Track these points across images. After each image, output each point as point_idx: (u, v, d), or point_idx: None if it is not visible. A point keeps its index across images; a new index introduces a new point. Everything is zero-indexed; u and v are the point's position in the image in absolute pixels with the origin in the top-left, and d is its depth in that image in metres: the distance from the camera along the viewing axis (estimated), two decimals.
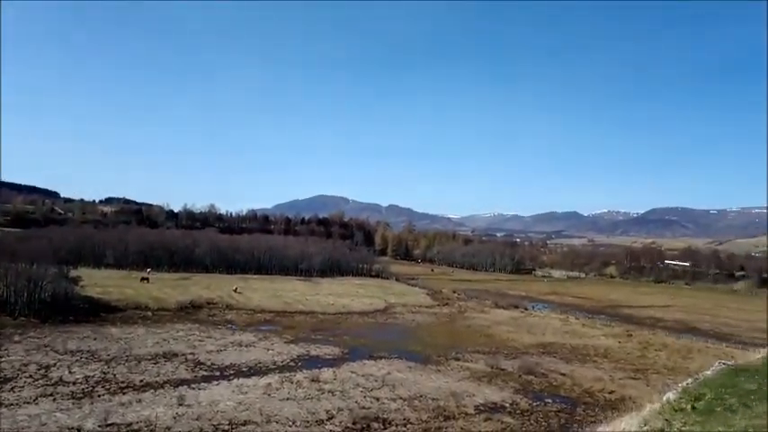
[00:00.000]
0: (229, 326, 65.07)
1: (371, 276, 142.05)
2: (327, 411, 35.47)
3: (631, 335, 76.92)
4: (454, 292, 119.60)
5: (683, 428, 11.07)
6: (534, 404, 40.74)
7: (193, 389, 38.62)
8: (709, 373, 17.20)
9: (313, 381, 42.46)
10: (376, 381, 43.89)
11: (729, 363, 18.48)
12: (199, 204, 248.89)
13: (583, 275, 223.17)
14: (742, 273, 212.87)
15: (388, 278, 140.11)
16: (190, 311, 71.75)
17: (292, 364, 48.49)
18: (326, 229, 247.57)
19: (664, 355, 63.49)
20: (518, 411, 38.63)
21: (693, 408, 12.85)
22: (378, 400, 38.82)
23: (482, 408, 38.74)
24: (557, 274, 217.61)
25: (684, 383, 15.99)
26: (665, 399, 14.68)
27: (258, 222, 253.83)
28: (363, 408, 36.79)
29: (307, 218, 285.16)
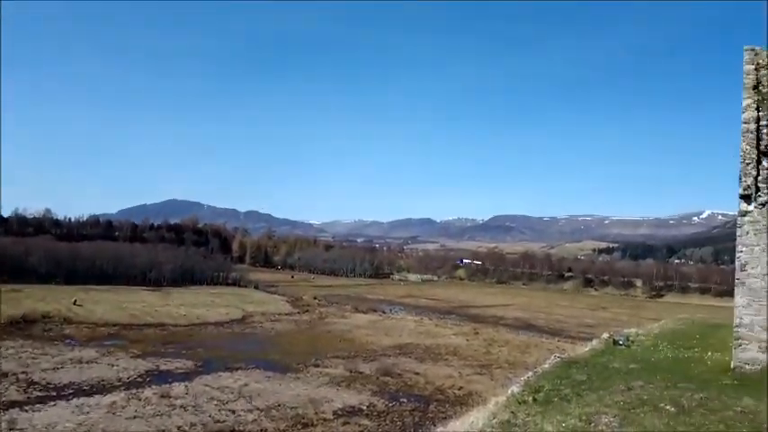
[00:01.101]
0: (68, 341, 59.27)
1: (228, 285, 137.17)
2: (179, 428, 33.62)
3: (478, 333, 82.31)
4: (315, 298, 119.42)
5: (527, 419, 12.05)
6: (390, 405, 41.95)
7: (26, 411, 34.70)
8: (546, 366, 18.83)
9: (163, 396, 40.01)
10: (232, 393, 42.47)
11: (563, 356, 20.43)
12: (32, 209, 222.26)
13: (436, 278, 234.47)
14: (570, 273, 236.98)
15: (246, 286, 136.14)
16: (21, 327, 64.17)
17: (140, 379, 45.32)
18: (179, 235, 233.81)
19: (506, 351, 68.69)
20: (375, 413, 39.55)
21: (534, 399, 13.99)
22: (233, 412, 37.57)
23: (340, 412, 39.11)
24: (412, 277, 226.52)
25: (526, 377, 17.36)
26: (509, 392, 15.80)
27: (101, 228, 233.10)
28: (218, 421, 35.40)
29: (156, 224, 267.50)
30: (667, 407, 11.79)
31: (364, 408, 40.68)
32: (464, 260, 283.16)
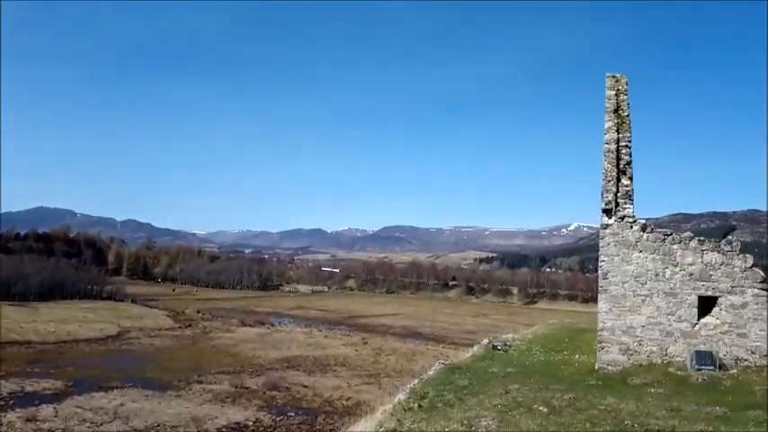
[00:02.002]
0: None
1: (103, 299, 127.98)
2: None
3: (367, 342, 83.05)
4: (198, 312, 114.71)
5: (413, 426, 12.35)
6: (278, 419, 41.15)
7: None
8: (430, 372, 19.39)
9: (29, 420, 36.62)
10: (106, 414, 39.67)
11: (446, 362, 21.14)
12: None
13: (326, 289, 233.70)
14: (454, 282, 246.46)
15: (123, 300, 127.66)
16: None
17: (2, 402, 41.04)
18: (48, 245, 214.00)
19: (393, 360, 69.91)
20: (261, 429, 38.61)
21: (420, 406, 14.36)
22: None
23: (224, 429, 37.79)
24: (303, 288, 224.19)
25: (412, 384, 17.76)
26: (396, 400, 16.08)
27: None
28: None
29: (23, 233, 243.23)
30: (540, 408, 12.60)
31: (250, 424, 39.58)
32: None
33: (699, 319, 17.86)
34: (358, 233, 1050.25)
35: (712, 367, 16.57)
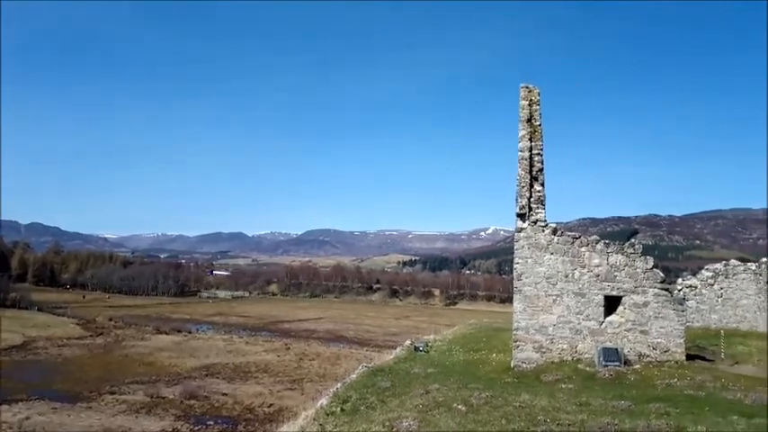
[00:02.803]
0: None
1: (6, 307, 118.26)
2: None
3: (289, 348, 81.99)
4: (110, 319, 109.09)
5: (335, 430, 12.36)
6: (196, 428, 39.88)
7: None
8: (353, 376, 19.45)
9: None
10: (11, 428, 37.13)
11: (369, 365, 21.27)
12: None
13: (247, 294, 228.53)
14: (378, 285, 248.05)
15: (27, 308, 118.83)
16: None
17: None
18: None
19: (317, 364, 69.39)
20: None
21: (342, 410, 14.38)
22: None
23: None
24: (222, 294, 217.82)
25: (334, 388, 17.75)
26: (318, 405, 16.02)
27: None
28: None
29: None
30: (459, 406, 12.95)
31: None
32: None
33: (605, 318, 18.99)
34: (281, 237, 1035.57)
35: (618, 363, 17.64)
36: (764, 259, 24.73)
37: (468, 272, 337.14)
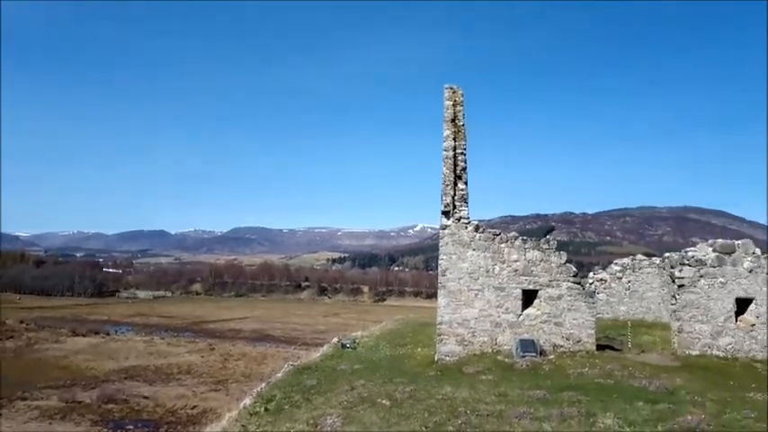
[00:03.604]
0: None
1: None
2: None
3: (214, 348, 79.93)
4: (21, 322, 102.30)
5: (258, 430, 12.23)
6: None
7: None
8: (279, 375, 19.28)
9: None
10: None
11: (295, 364, 21.14)
12: None
13: (170, 294, 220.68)
14: (307, 283, 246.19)
15: None
16: None
17: None
18: None
19: (242, 364, 68.05)
20: None
21: (266, 409, 14.25)
22: None
23: None
24: (143, 294, 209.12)
25: (259, 388, 17.54)
26: (241, 405, 15.79)
27: None
28: None
29: None
30: (384, 401, 13.15)
31: None
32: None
33: (523, 311, 19.79)
34: (205, 235, 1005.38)
35: (534, 354, 18.44)
36: (667, 254, 26.51)
37: (396, 268, 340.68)
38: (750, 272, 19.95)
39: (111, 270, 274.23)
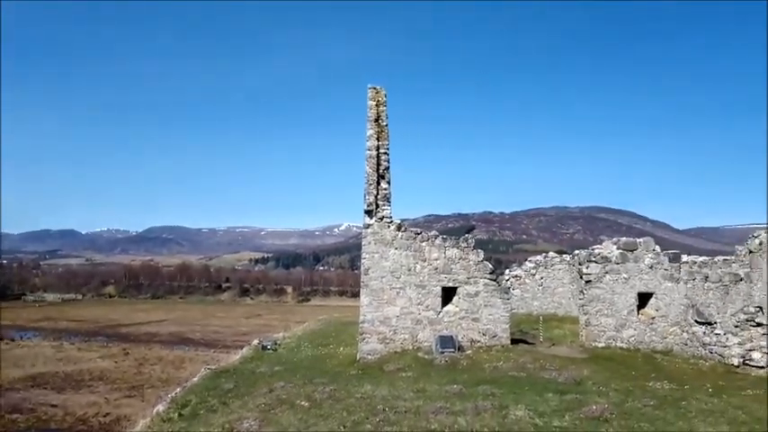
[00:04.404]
0: None
1: None
2: None
3: (128, 353, 76.34)
4: None
5: None
6: None
7: None
8: (195, 379, 18.69)
9: None
10: None
11: (213, 367, 20.59)
12: None
13: (80, 297, 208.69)
14: (228, 284, 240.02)
15: None
16: None
17: None
18: None
19: (159, 369, 65.41)
20: None
21: (180, 415, 13.78)
22: None
23: None
24: (51, 297, 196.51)
25: (173, 393, 16.94)
26: (155, 411, 15.21)
27: None
28: None
29: None
30: (303, 402, 13.03)
31: None
32: None
33: (442, 308, 20.24)
34: (119, 234, 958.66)
35: (453, 350, 18.89)
36: (577, 252, 27.92)
37: (321, 268, 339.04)
38: (650, 268, 21.37)
39: (15, 272, 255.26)
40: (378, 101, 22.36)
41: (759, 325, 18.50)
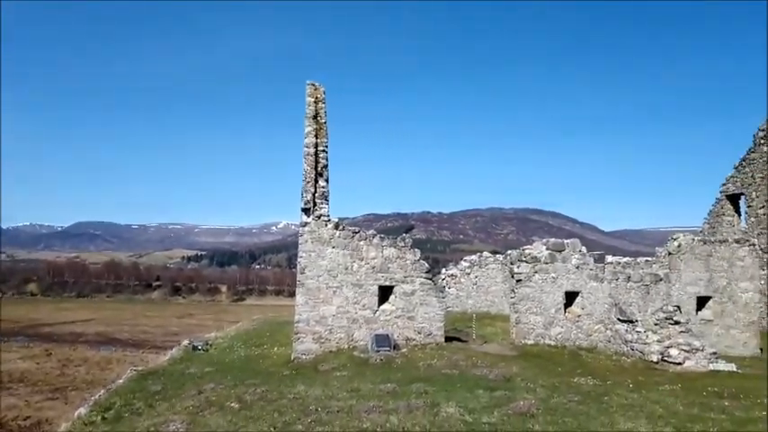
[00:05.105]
0: None
1: None
2: None
3: (51, 353, 72.45)
4: None
5: None
6: None
7: None
8: (121, 381, 17.97)
9: None
10: None
11: (139, 368, 19.85)
12: None
13: (0, 295, 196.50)
14: (158, 283, 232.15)
15: None
16: None
17: None
18: None
19: (83, 370, 62.45)
20: None
21: (104, 418, 13.21)
22: None
23: None
24: None
25: (97, 396, 16.23)
26: (76, 415, 14.55)
27: None
28: None
29: None
30: (233, 404, 12.75)
31: None
32: None
33: (379, 307, 20.33)
34: (43, 230, 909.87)
35: (388, 348, 18.99)
36: (509, 251, 28.70)
37: (258, 266, 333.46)
38: (577, 268, 22.22)
39: None
40: (316, 97, 22.19)
41: (677, 323, 19.60)
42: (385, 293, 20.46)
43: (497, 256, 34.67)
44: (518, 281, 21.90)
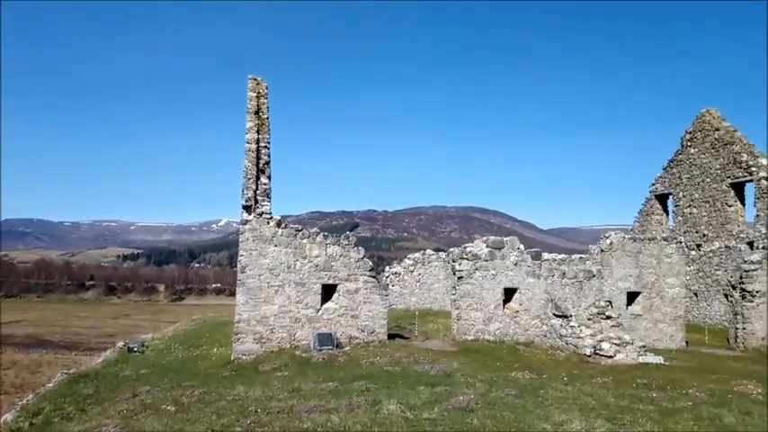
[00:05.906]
0: None
1: None
2: None
3: None
4: None
5: None
6: None
7: None
8: (51, 384, 17.19)
9: None
10: None
11: (70, 372, 19.01)
12: None
13: None
14: (92, 282, 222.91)
15: None
16: None
17: None
18: None
19: (12, 374, 59.22)
20: None
21: (32, 424, 12.64)
22: None
23: None
24: None
25: (24, 401, 15.47)
26: (2, 421, 13.84)
27: None
28: None
29: None
30: (169, 407, 12.39)
31: None
32: None
33: (322, 305, 20.23)
34: None
35: (331, 347, 18.94)
36: (451, 249, 29.19)
37: (197, 265, 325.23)
38: (515, 265, 22.83)
39: None
40: (258, 92, 21.88)
41: (608, 318, 20.46)
42: (328, 292, 20.38)
43: (440, 253, 35.16)
44: (459, 278, 22.29)
